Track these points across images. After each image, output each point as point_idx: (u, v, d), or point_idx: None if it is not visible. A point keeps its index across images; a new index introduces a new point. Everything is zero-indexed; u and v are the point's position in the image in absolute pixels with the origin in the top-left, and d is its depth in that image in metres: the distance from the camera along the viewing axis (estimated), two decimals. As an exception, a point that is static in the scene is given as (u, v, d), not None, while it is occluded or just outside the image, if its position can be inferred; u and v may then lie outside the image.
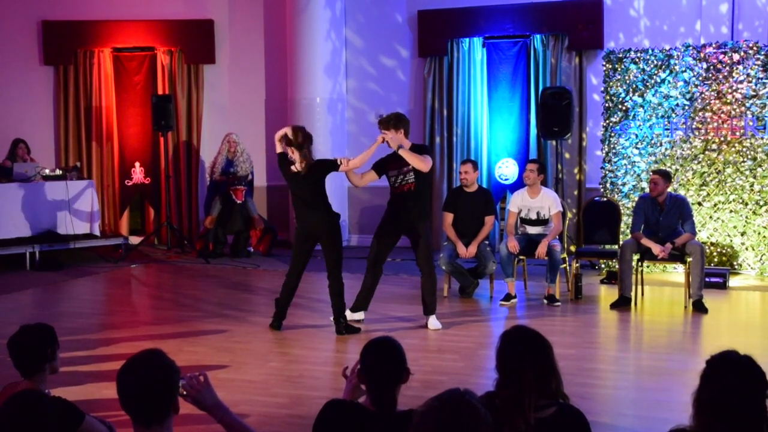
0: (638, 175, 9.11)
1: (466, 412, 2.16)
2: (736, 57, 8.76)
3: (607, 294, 8.19)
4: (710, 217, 8.87)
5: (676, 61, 8.96)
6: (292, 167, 6.61)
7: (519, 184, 9.98)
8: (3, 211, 9.81)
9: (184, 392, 2.70)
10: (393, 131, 6.73)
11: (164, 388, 2.54)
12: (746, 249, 8.82)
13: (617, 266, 7.76)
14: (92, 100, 11.74)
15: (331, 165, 6.74)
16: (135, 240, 11.36)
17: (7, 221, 9.83)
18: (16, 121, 11.52)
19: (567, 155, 10.42)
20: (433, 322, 6.89)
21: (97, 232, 10.62)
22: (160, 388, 2.52)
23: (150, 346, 2.69)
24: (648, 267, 8.61)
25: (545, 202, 7.95)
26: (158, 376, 2.53)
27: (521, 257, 7.98)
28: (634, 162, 9.14)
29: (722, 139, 8.82)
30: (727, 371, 2.48)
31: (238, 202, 10.60)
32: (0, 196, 9.81)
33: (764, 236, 8.72)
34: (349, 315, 6.92)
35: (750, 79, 8.71)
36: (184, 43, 11.73)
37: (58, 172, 10.53)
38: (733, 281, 8.50)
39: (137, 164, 11.86)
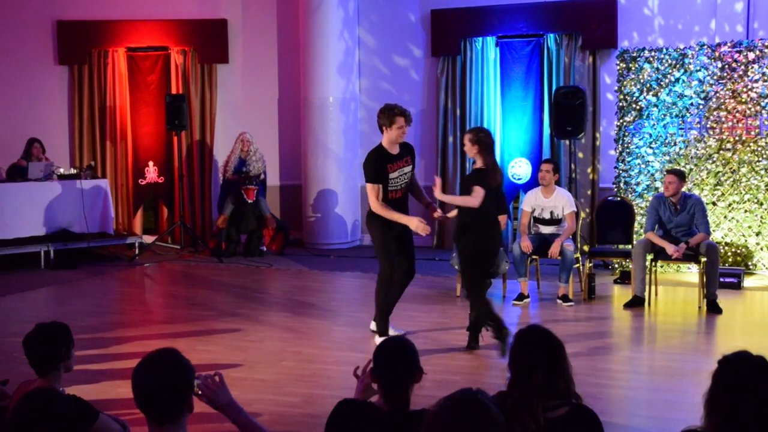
0: (652, 175, 9.07)
1: (478, 411, 2.16)
2: (751, 56, 8.70)
3: (621, 294, 8.16)
4: (725, 217, 8.82)
5: (691, 60, 8.92)
6: None
7: (532, 183, 9.97)
8: (18, 210, 9.87)
9: (199, 391, 2.71)
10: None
11: (179, 386, 2.54)
12: (761, 249, 8.77)
13: (631, 266, 7.73)
14: (106, 99, 11.80)
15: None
16: (148, 239, 11.40)
17: (22, 220, 9.90)
18: (31, 120, 11.59)
19: (580, 155, 10.39)
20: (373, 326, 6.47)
21: (110, 232, 10.68)
22: (175, 387, 2.53)
23: (163, 345, 2.70)
24: (662, 267, 8.58)
25: (559, 202, 7.93)
26: (173, 375, 2.54)
27: (534, 257, 7.97)
28: (648, 161, 9.10)
29: (737, 138, 8.77)
30: (740, 371, 2.46)
31: (250, 201, 10.62)
32: (15, 196, 9.88)
33: (779, 236, 8.67)
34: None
35: (765, 78, 8.65)
36: (198, 43, 11.76)
37: (73, 171, 10.59)
38: (747, 281, 8.46)
39: (151, 163, 11.91)
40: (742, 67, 8.74)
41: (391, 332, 6.24)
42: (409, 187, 6.34)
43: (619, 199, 8.77)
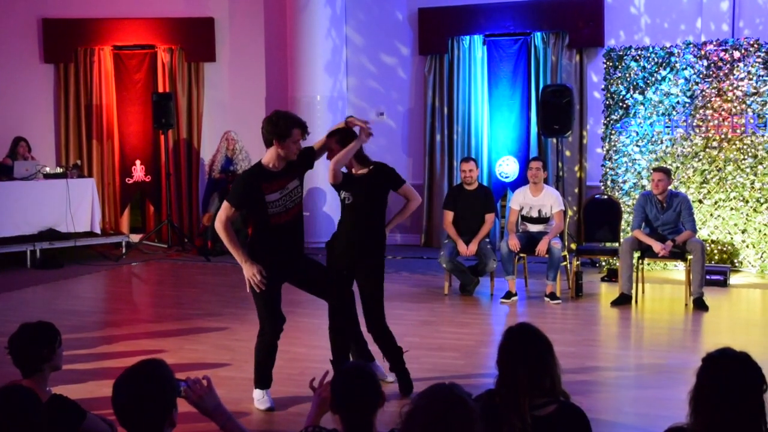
0: (639, 173, 9.11)
1: (455, 406, 2.15)
2: (736, 54, 8.75)
3: (608, 292, 8.19)
4: (711, 215, 8.87)
5: (677, 59, 8.96)
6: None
7: (520, 181, 9.99)
8: (4, 210, 9.81)
9: (185, 395, 2.68)
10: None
11: (158, 401, 2.45)
12: (747, 247, 8.82)
13: (618, 264, 7.76)
14: (93, 98, 11.74)
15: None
16: (135, 238, 11.36)
17: (8, 219, 9.85)
18: (16, 119, 11.52)
19: (568, 153, 10.42)
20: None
21: (97, 230, 10.63)
22: (154, 402, 2.44)
23: (151, 344, 2.68)
24: (648, 264, 8.61)
25: (547, 200, 7.95)
26: (152, 390, 2.45)
27: (522, 255, 7.99)
28: (635, 160, 9.13)
29: (723, 136, 8.82)
30: (724, 368, 2.48)
31: (240, 199, 10.59)
32: (1, 195, 9.82)
33: (765, 234, 8.71)
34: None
35: (751, 76, 8.70)
36: (185, 41, 11.73)
37: (59, 170, 10.54)
38: (733, 279, 8.50)
39: (138, 162, 11.86)
40: (728, 65, 8.78)
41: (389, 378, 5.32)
42: (301, 205, 5.01)
43: (606, 197, 8.80)
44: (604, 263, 9.06)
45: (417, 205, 5.44)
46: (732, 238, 8.84)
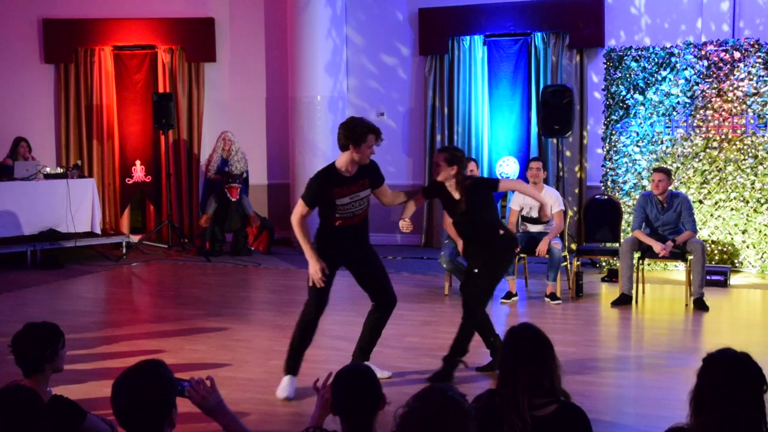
0: (639, 173, 9.11)
1: (449, 408, 2.15)
2: (737, 55, 8.75)
3: (608, 292, 8.19)
4: (711, 215, 8.87)
5: (677, 59, 8.96)
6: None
7: (520, 182, 9.98)
8: (4, 210, 9.81)
9: (188, 395, 2.69)
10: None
11: (157, 402, 2.45)
12: (747, 247, 8.82)
13: (618, 264, 7.76)
14: (93, 98, 11.74)
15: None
16: (135, 238, 11.36)
17: (8, 220, 9.84)
18: (17, 119, 11.52)
19: (568, 153, 10.42)
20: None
21: (97, 231, 10.63)
22: (153, 402, 2.44)
23: (151, 344, 2.69)
24: (649, 265, 8.61)
25: (547, 201, 7.92)
26: (151, 390, 2.45)
27: (522, 255, 7.99)
28: (635, 160, 9.14)
29: (723, 137, 8.82)
30: (724, 369, 2.48)
31: (233, 200, 10.61)
32: (1, 195, 9.82)
33: (765, 234, 8.71)
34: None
35: (751, 77, 8.70)
36: (185, 42, 11.73)
37: (59, 170, 10.54)
38: (734, 279, 8.50)
39: (138, 162, 11.87)
40: (728, 66, 8.78)
41: (379, 374, 4.97)
42: (367, 211, 5.37)
43: (606, 197, 8.80)
44: (604, 263, 9.06)
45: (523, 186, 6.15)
46: (732, 239, 8.84)
